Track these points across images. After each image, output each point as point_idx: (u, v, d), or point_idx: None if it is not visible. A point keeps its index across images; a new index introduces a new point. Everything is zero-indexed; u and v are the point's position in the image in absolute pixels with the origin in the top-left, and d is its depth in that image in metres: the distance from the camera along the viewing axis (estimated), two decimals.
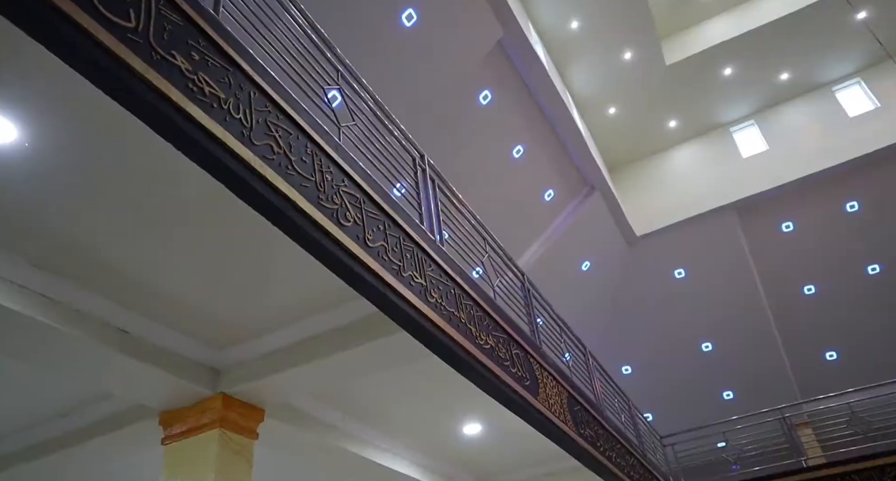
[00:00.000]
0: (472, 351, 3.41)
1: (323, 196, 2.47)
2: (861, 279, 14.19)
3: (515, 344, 4.17)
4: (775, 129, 14.56)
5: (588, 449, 4.94)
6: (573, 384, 5.24)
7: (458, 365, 3.39)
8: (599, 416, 5.69)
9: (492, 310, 3.92)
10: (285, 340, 3.44)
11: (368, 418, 4.53)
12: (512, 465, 5.84)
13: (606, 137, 15.09)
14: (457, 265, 3.66)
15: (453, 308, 3.38)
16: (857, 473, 7.60)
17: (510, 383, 3.80)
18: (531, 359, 4.38)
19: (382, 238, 2.87)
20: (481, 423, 4.82)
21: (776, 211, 14.16)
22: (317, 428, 4.19)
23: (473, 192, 10.77)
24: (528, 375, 4.21)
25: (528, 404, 4.03)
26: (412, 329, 3.04)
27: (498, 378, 3.67)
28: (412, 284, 2.98)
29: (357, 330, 3.30)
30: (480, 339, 3.60)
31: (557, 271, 13.23)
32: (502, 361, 3.81)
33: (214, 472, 3.24)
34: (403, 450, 5.03)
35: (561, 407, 4.64)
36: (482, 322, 3.74)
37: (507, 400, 3.86)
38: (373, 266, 2.67)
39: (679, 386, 15.32)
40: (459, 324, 3.39)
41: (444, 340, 3.17)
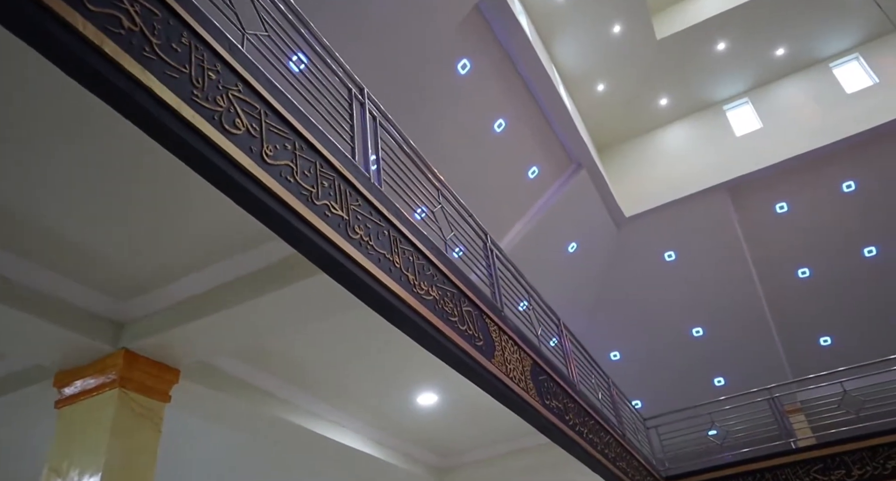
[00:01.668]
0: (408, 300, 2.99)
1: (199, 93, 2.04)
2: (857, 261, 13.82)
3: (467, 300, 3.75)
4: (770, 107, 14.13)
5: (555, 422, 4.54)
6: (539, 352, 4.83)
7: (392, 315, 2.98)
8: (571, 389, 5.29)
9: (437, 259, 3.50)
10: (195, 288, 3.02)
11: (312, 386, 4.12)
12: (477, 442, 5.44)
13: (595, 115, 14.65)
14: (395, 206, 3.23)
15: (385, 250, 2.96)
16: (847, 454, 7.23)
17: (458, 341, 3.39)
18: (486, 318, 3.97)
19: (289, 158, 2.44)
20: (436, 393, 4.42)
21: (770, 191, 13.76)
22: (250, 394, 3.78)
23: (453, 167, 10.34)
24: (482, 336, 3.80)
25: (481, 367, 3.62)
26: (330, 268, 2.62)
27: (442, 334, 3.26)
28: (328, 216, 2.55)
29: (274, 273, 2.88)
30: (420, 289, 3.18)
31: (543, 252, 12.83)
32: (448, 316, 3.40)
33: (109, 437, 2.82)
34: (354, 424, 4.63)
35: (522, 375, 4.24)
36: (424, 271, 3.32)
37: (456, 360, 3.45)
38: (271, 185, 2.25)
39: (669, 372, 14.97)
40: (392, 268, 2.97)
41: (370, 284, 2.75)
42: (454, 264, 3.79)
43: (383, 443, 4.97)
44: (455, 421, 4.94)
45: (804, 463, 7.42)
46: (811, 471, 7.32)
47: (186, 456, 4.78)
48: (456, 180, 10.11)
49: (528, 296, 5.36)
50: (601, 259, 14.37)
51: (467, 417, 4.89)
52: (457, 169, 10.40)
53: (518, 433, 5.22)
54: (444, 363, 3.42)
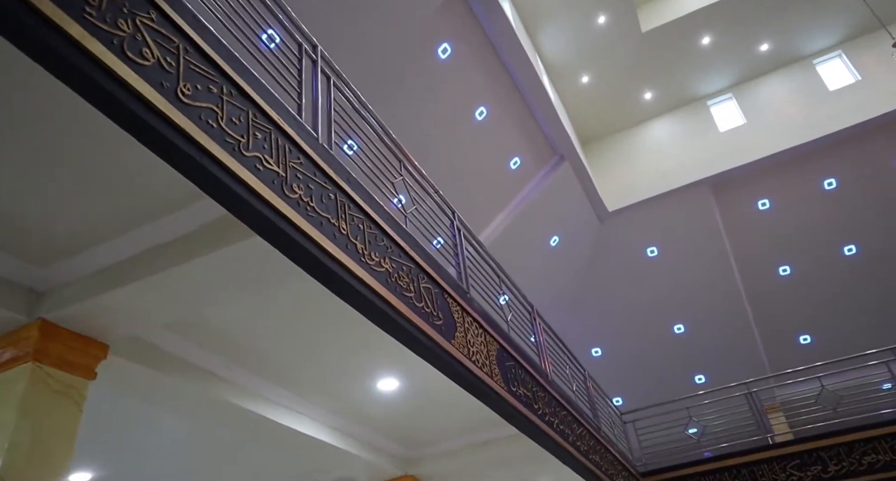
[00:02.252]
0: (354, 270, 2.74)
1: (94, 12, 1.77)
2: (837, 260, 13.81)
3: (426, 277, 3.51)
4: (753, 103, 14.05)
5: (522, 410, 4.31)
6: (508, 338, 4.60)
7: (337, 286, 2.73)
8: (541, 378, 5.07)
9: (393, 231, 3.25)
10: (120, 253, 2.74)
11: (262, 368, 3.85)
12: (443, 433, 5.20)
13: (579, 108, 14.48)
14: (345, 170, 2.98)
15: (329, 214, 2.70)
16: (824, 450, 7.11)
17: (412, 318, 3.14)
18: (448, 297, 3.73)
19: (213, 101, 2.18)
20: (398, 378, 4.17)
21: (752, 188, 13.69)
22: (192, 375, 3.50)
23: (432, 155, 10.10)
24: (442, 315, 3.56)
25: (440, 347, 3.38)
26: (263, 229, 2.36)
27: (395, 309, 3.01)
28: (259, 169, 2.30)
29: (206, 236, 2.61)
30: (370, 259, 2.94)
31: (524, 245, 12.63)
32: (402, 291, 3.15)
33: (17, 414, 2.54)
34: (310, 409, 4.36)
35: (487, 359, 4.01)
36: (377, 241, 3.07)
37: (410, 338, 3.20)
38: (186, 127, 1.99)
39: (650, 369, 14.87)
40: (338, 234, 2.72)
41: (310, 249, 2.50)
42: (413, 238, 3.54)
43: (343, 431, 4.71)
44: (419, 410, 4.69)
45: (781, 458, 7.29)
46: (787, 467, 7.19)
47: (127, 441, 4.49)
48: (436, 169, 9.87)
49: (498, 280, 5.13)
50: (583, 253, 14.21)
51: (432, 405, 4.64)
52: (436, 157, 10.16)
53: (486, 423, 4.98)
54: (398, 341, 3.18)
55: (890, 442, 6.84)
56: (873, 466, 6.76)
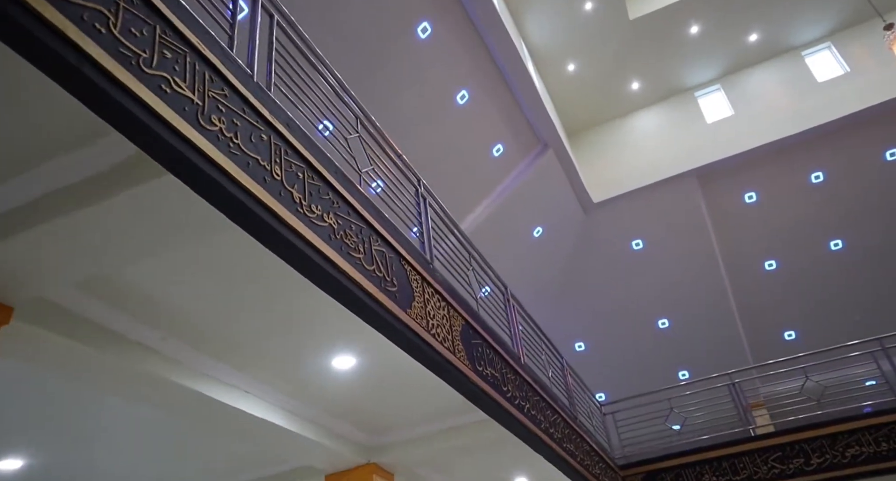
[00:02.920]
0: (288, 219, 2.42)
1: None
2: (823, 255, 13.67)
3: (380, 240, 3.20)
4: (741, 94, 13.87)
5: (488, 390, 4.01)
6: (475, 315, 4.31)
7: (267, 237, 2.41)
8: (513, 360, 4.78)
9: (340, 185, 2.93)
10: (15, 198, 2.40)
11: (201, 341, 3.51)
12: (409, 419, 4.89)
13: (564, 98, 14.21)
14: (284, 112, 2.67)
15: (259, 156, 2.38)
16: (807, 442, 6.89)
17: (360, 281, 2.83)
18: (406, 265, 3.42)
19: (104, 5, 1.85)
20: (354, 355, 3.85)
21: (739, 180, 13.51)
22: (118, 346, 3.16)
23: (412, 138, 9.77)
24: (398, 282, 3.25)
25: (392, 315, 3.07)
26: (173, 164, 2.04)
27: (339, 269, 2.70)
28: (165, 91, 1.97)
29: (113, 177, 2.28)
30: (310, 211, 2.62)
31: (506, 236, 12.36)
32: (349, 250, 2.84)
33: None
34: (260, 389, 4.03)
35: (449, 334, 3.71)
36: (319, 194, 2.76)
37: (358, 303, 2.89)
38: (63, 27, 1.66)
39: (634, 364, 14.65)
40: (269, 178, 2.40)
41: (233, 191, 2.18)
42: (366, 198, 3.23)
43: (298, 415, 4.39)
44: (380, 392, 4.38)
45: (762, 451, 7.07)
46: (769, 460, 6.97)
47: (63, 426, 4.15)
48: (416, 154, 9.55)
49: (468, 257, 4.83)
50: (568, 245, 13.96)
51: (394, 387, 4.33)
52: (416, 141, 9.83)
53: (454, 409, 4.68)
54: (345, 306, 2.86)
55: (874, 433, 6.63)
56: (857, 458, 6.55)
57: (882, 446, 6.51)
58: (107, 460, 4.94)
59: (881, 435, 6.58)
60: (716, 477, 7.13)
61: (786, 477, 6.76)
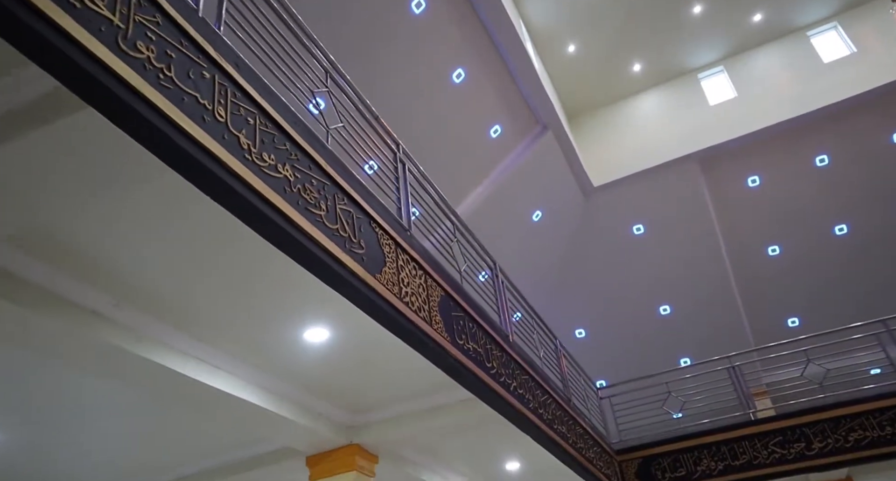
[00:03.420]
0: (233, 166, 2.20)
1: None
2: (827, 240, 13.38)
3: (346, 198, 2.97)
4: (745, 76, 13.53)
5: (469, 365, 3.80)
6: (457, 287, 4.09)
7: (209, 184, 2.18)
8: (499, 337, 4.56)
9: (301, 137, 2.70)
10: None
11: (159, 309, 3.29)
12: (390, 397, 4.68)
13: (564, 80, 13.90)
14: (234, 53, 2.43)
15: (197, 92, 2.15)
16: (808, 426, 6.67)
17: (320, 239, 2.61)
18: (377, 228, 3.19)
19: None
20: (327, 326, 3.63)
21: (743, 163, 13.21)
22: (68, 312, 2.95)
23: (407, 118, 9.53)
24: (366, 245, 3.03)
25: (359, 280, 2.85)
26: (88, 90, 1.81)
27: (295, 225, 2.48)
28: (74, 6, 1.74)
29: (36, 111, 2.05)
30: (261, 160, 2.39)
31: (505, 219, 12.12)
32: (308, 206, 2.61)
33: None
34: (229, 364, 3.82)
35: (426, 304, 3.49)
36: (274, 143, 2.53)
37: (318, 264, 2.67)
38: None
39: (635, 351, 14.44)
40: (209, 118, 2.17)
41: (162, 127, 1.95)
42: (333, 154, 3.00)
43: (272, 391, 4.18)
44: (358, 367, 4.16)
45: (762, 435, 6.86)
46: (769, 444, 6.75)
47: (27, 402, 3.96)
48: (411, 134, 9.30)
49: (453, 229, 4.60)
50: (567, 230, 13.71)
51: (372, 362, 4.12)
52: (412, 121, 9.59)
53: (438, 387, 4.47)
54: (302, 266, 2.64)
55: (878, 417, 6.40)
56: (860, 443, 6.33)
57: (886, 430, 6.28)
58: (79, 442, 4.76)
59: (885, 419, 6.35)
60: (714, 462, 6.92)
61: (786, 462, 6.55)
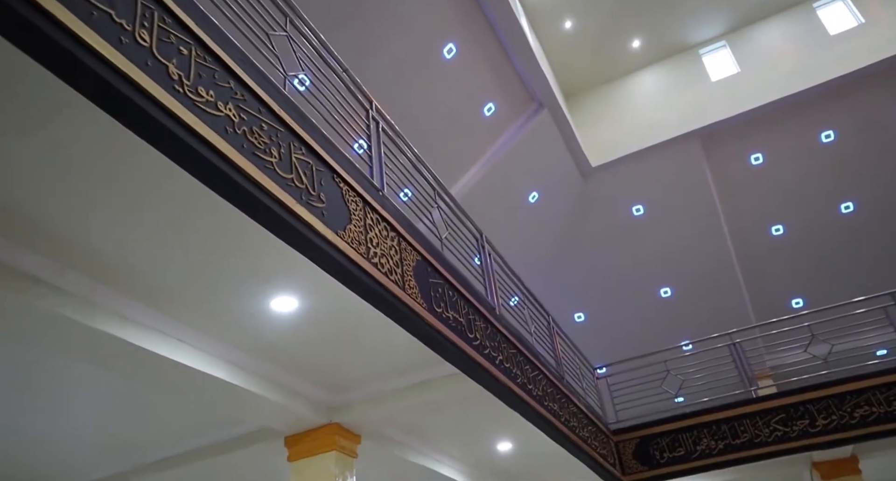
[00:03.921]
0: (159, 97, 1.95)
1: None
2: (833, 218, 13.07)
3: (304, 148, 2.72)
4: (748, 51, 13.17)
5: (449, 335, 3.57)
6: (436, 253, 3.84)
7: (126, 113, 1.94)
8: (483, 307, 4.33)
9: (249, 77, 2.45)
10: None
11: (113, 279, 3.06)
12: (370, 373, 4.46)
13: (562, 57, 13.56)
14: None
15: (117, 12, 1.90)
16: (812, 403, 6.43)
17: (269, 187, 2.36)
18: (340, 182, 2.95)
19: None
20: (296, 295, 3.40)
21: (745, 141, 12.88)
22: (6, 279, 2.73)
23: (396, 95, 9.24)
24: (327, 199, 2.79)
25: (316, 233, 2.61)
26: None
27: (236, 167, 2.23)
28: None
29: None
30: (197, 94, 2.14)
31: (500, 201, 11.85)
32: (255, 150, 2.37)
33: None
34: (193, 336, 3.59)
35: (398, 267, 3.25)
36: (214, 79, 2.27)
37: (269, 216, 2.43)
38: None
39: (635, 334, 14.19)
40: (130, 42, 1.92)
41: (65, 44, 1.70)
42: (290, 101, 2.75)
43: (243, 367, 3.96)
44: (333, 340, 3.93)
45: (764, 413, 6.63)
46: (771, 422, 6.52)
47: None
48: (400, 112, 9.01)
49: (434, 194, 4.35)
50: (565, 211, 13.43)
51: (349, 335, 3.88)
52: (400, 98, 9.30)
53: (420, 361, 4.25)
54: (247, 215, 2.40)
55: (885, 393, 6.16)
56: (865, 419, 6.10)
57: (894, 405, 6.05)
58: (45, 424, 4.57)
59: (893, 395, 6.11)
60: (714, 441, 6.71)
61: (789, 440, 6.32)
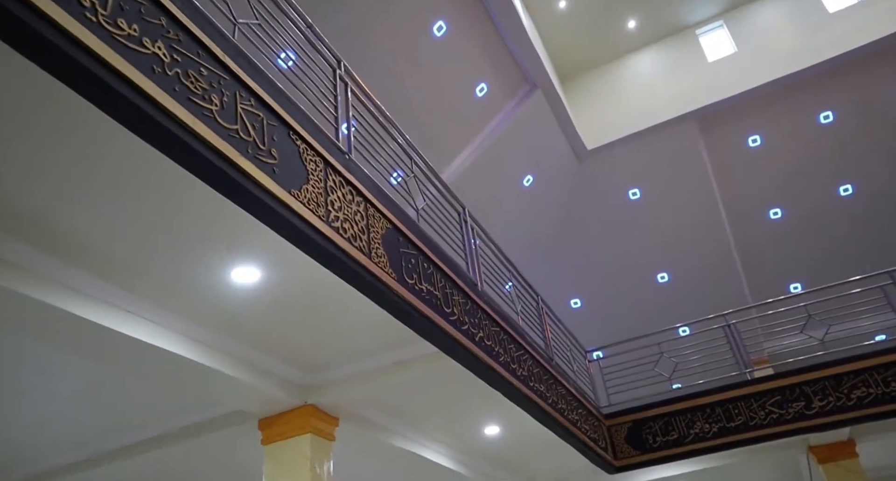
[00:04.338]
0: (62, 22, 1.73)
1: None
2: (832, 201, 12.86)
3: (252, 98, 2.50)
4: (746, 30, 12.89)
5: (421, 307, 3.36)
6: (409, 221, 3.63)
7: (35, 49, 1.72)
8: (462, 281, 4.12)
9: (184, 15, 2.22)
10: None
11: (54, 246, 2.86)
12: (346, 352, 4.26)
13: (556, 38, 13.27)
14: None
15: None
16: (808, 384, 6.25)
17: (205, 135, 2.15)
18: (296, 138, 2.73)
19: None
20: (257, 265, 3.20)
21: (743, 122, 12.63)
22: None
23: (384, 75, 9.00)
24: (279, 155, 2.57)
25: (264, 190, 2.40)
26: None
27: (163, 110, 2.01)
28: None
29: None
30: (117, 27, 1.92)
31: (494, 184, 11.62)
32: (191, 96, 2.15)
33: None
34: (153, 313, 3.38)
35: (363, 233, 3.04)
36: (143, 14, 2.05)
37: (210, 170, 2.22)
38: None
39: (632, 320, 13.95)
40: None
41: None
42: (237, 48, 2.53)
43: (207, 344, 3.75)
44: (304, 317, 3.74)
45: (759, 395, 6.44)
46: (766, 404, 6.34)
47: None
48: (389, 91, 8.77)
49: (411, 163, 4.13)
50: (560, 195, 13.21)
51: (319, 310, 3.69)
52: (389, 77, 9.06)
53: (397, 339, 4.06)
54: (184, 167, 2.18)
55: (883, 373, 5.98)
56: (863, 400, 5.91)
57: (892, 386, 5.86)
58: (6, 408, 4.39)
59: (891, 375, 5.93)
60: (708, 424, 6.53)
61: (785, 423, 6.15)
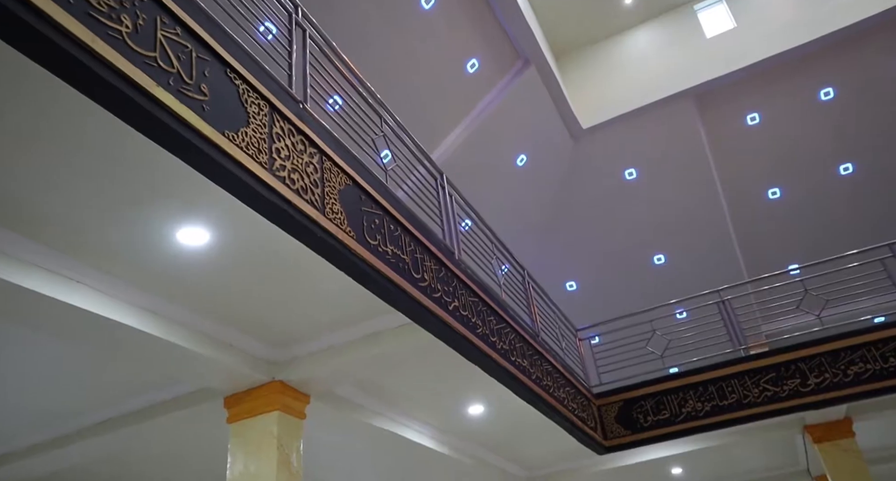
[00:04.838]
0: None
1: None
2: (832, 180, 12.59)
3: (176, 25, 2.23)
4: (745, 4, 12.54)
5: (382, 268, 3.13)
6: (376, 181, 3.38)
7: None
8: (434, 246, 3.88)
9: None
10: None
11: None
12: (314, 325, 4.04)
13: (550, 13, 12.91)
14: None
15: None
16: (804, 360, 6.03)
17: (117, 64, 1.90)
18: (237, 78, 2.47)
19: None
20: (204, 225, 2.96)
21: (741, 100, 12.33)
22: None
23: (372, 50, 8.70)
24: (212, 93, 2.31)
25: (193, 130, 2.15)
26: None
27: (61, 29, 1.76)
28: None
29: None
30: None
31: (486, 163, 11.35)
32: (93, 12, 1.89)
33: None
34: (89, 275, 3.15)
35: (316, 187, 2.79)
36: None
37: (120, 99, 1.97)
38: None
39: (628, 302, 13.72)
40: None
41: None
42: None
43: (161, 315, 3.52)
44: (258, 282, 3.49)
45: (753, 372, 6.23)
46: (761, 382, 6.13)
47: None
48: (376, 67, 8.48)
49: (380, 121, 3.87)
50: (555, 175, 12.94)
51: (276, 273, 3.43)
52: (376, 51, 8.76)
53: (368, 310, 3.85)
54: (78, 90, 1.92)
55: (881, 348, 5.76)
56: (860, 376, 5.70)
57: (890, 362, 5.65)
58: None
59: (889, 350, 5.71)
60: (701, 402, 6.33)
61: (779, 400, 5.94)
